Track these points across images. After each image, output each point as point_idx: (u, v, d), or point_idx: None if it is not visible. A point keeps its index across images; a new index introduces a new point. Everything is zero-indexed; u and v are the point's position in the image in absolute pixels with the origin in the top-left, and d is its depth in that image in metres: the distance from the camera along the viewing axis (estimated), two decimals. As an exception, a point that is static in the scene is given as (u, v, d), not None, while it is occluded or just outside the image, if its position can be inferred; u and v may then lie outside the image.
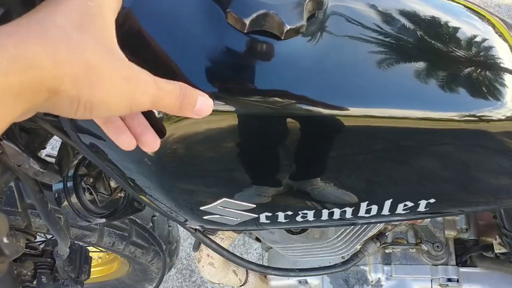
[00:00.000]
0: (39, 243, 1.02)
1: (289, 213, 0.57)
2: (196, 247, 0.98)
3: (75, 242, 1.02)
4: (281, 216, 0.57)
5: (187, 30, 0.43)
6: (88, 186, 0.66)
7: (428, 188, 0.57)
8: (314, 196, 0.55)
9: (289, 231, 0.77)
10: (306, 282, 1.02)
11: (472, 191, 0.60)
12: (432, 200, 0.57)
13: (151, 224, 1.06)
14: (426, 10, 0.51)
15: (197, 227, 0.68)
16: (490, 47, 0.52)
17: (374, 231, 0.82)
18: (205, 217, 0.57)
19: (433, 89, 0.48)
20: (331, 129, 0.48)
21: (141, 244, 1.12)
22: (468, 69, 0.51)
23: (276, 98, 0.44)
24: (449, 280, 0.95)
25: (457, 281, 0.95)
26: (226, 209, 0.55)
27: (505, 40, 0.54)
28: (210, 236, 0.76)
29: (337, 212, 0.58)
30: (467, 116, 0.49)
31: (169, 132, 0.45)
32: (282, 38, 0.41)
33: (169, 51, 0.43)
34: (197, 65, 0.43)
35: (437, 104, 0.49)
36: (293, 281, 1.03)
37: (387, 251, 0.97)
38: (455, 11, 0.54)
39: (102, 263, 1.38)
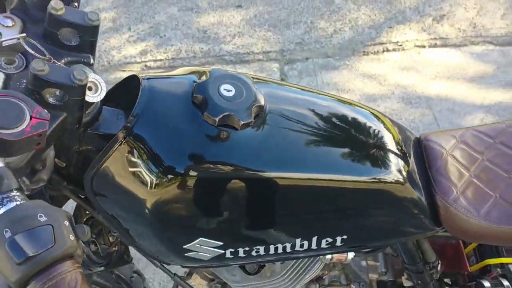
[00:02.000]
0: None
1: (247, 248, 0.79)
2: None
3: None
4: (241, 251, 0.79)
5: (180, 126, 0.70)
6: (93, 240, 0.85)
7: (340, 228, 0.82)
8: (262, 236, 0.79)
9: (246, 272, 0.97)
10: None
11: (372, 230, 0.86)
12: (344, 237, 0.82)
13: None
14: (334, 109, 0.81)
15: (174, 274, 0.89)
16: (381, 136, 0.81)
17: (313, 274, 1.03)
18: (186, 254, 0.77)
19: (341, 161, 0.76)
20: (270, 187, 0.75)
21: None
22: (365, 149, 0.79)
23: (231, 167, 0.72)
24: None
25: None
26: (202, 246, 0.77)
27: (390, 132, 0.83)
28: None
29: (280, 247, 0.80)
30: (366, 180, 0.77)
31: (159, 194, 0.69)
32: (239, 129, 0.69)
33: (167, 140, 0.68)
34: (184, 145, 0.68)
35: (346, 171, 0.76)
36: None
37: None
38: (356, 111, 0.84)
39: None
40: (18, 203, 0.52)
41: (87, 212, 0.84)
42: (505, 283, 1.04)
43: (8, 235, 0.49)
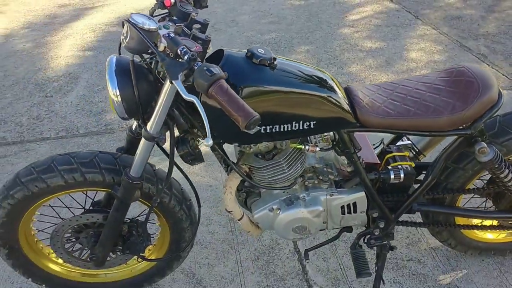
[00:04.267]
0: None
1: (270, 127, 1.53)
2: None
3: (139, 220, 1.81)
4: (267, 129, 1.52)
5: (245, 66, 1.47)
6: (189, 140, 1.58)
7: (310, 118, 1.57)
8: (278, 119, 1.52)
9: (264, 159, 1.67)
10: (278, 209, 1.72)
11: (322, 122, 1.61)
12: (312, 123, 1.57)
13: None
14: (307, 67, 1.61)
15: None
16: (330, 81, 1.61)
17: (300, 164, 1.70)
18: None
19: (311, 85, 1.54)
20: (280, 95, 1.48)
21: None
22: (324, 85, 1.57)
23: (266, 83, 1.47)
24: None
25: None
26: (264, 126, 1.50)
27: (335, 82, 1.64)
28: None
29: (286, 127, 1.54)
30: (323, 95, 1.55)
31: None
32: (267, 65, 1.48)
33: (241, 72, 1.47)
34: (249, 73, 1.47)
35: (313, 90, 1.54)
36: (266, 210, 1.73)
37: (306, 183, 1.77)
38: (318, 73, 1.64)
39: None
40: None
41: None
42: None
43: (205, 68, 1.20)
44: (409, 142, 1.93)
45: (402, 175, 1.73)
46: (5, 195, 1.68)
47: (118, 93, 1.46)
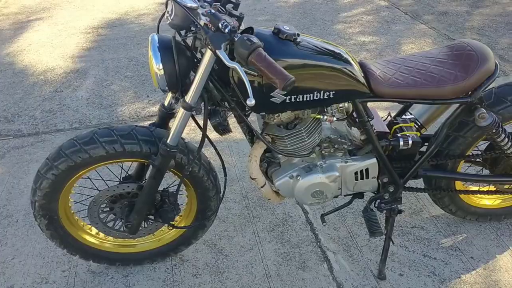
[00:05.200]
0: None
1: (294, 96, 1.70)
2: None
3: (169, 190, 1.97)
4: (292, 98, 1.70)
5: (273, 41, 1.65)
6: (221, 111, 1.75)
7: (329, 87, 1.74)
8: (302, 89, 1.69)
9: (287, 128, 1.84)
10: (298, 176, 1.89)
11: (340, 92, 1.79)
12: (332, 93, 1.75)
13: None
14: (328, 43, 1.79)
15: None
16: (347, 56, 1.77)
17: (317, 134, 1.88)
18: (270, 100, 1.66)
19: (331, 59, 1.72)
20: (305, 71, 1.67)
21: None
22: (341, 58, 1.75)
23: (291, 56, 1.64)
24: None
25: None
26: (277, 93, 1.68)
27: (351, 57, 1.81)
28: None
29: (305, 97, 1.71)
30: (339, 67, 1.72)
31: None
32: (291, 40, 1.63)
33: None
34: (278, 47, 1.62)
35: (333, 62, 1.72)
36: (287, 178, 1.90)
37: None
38: (336, 48, 1.80)
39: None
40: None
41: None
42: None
43: (245, 38, 1.38)
44: (412, 116, 2.13)
45: (410, 142, 1.92)
46: (49, 166, 1.83)
47: (161, 67, 1.63)
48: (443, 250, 2.28)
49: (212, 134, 2.30)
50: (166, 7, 1.57)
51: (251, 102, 1.41)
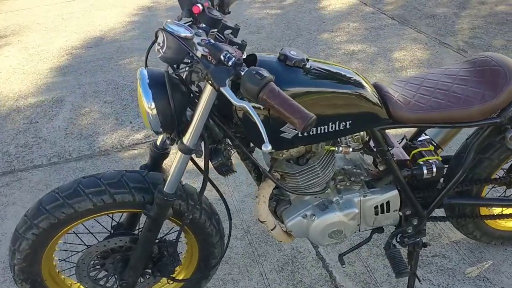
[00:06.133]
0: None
1: (323, 127, 1.49)
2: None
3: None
4: (315, 130, 1.48)
5: (279, 69, 1.43)
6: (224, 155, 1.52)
7: (346, 118, 1.53)
8: (321, 122, 1.49)
9: (298, 164, 1.62)
10: (313, 215, 1.68)
11: (357, 120, 1.58)
12: (348, 122, 1.53)
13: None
14: (335, 66, 1.59)
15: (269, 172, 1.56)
16: (360, 80, 1.57)
17: (332, 167, 1.67)
18: (281, 135, 1.45)
19: (343, 85, 1.51)
20: (319, 100, 1.46)
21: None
22: (355, 83, 1.53)
23: (300, 83, 1.43)
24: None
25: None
26: (288, 128, 1.45)
27: (364, 79, 1.61)
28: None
29: (320, 129, 1.50)
30: (354, 92, 1.51)
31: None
32: (301, 67, 1.42)
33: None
34: (284, 75, 1.42)
35: (346, 88, 1.51)
36: (299, 217, 1.68)
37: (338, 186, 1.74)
38: (344, 69, 1.60)
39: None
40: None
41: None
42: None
43: (254, 71, 1.16)
44: (428, 137, 1.93)
45: (434, 170, 1.72)
46: (29, 225, 1.58)
47: (153, 106, 1.40)
48: (470, 281, 2.09)
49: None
50: (156, 38, 1.35)
51: (267, 148, 1.18)
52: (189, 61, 1.43)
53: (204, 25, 1.44)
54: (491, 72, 1.66)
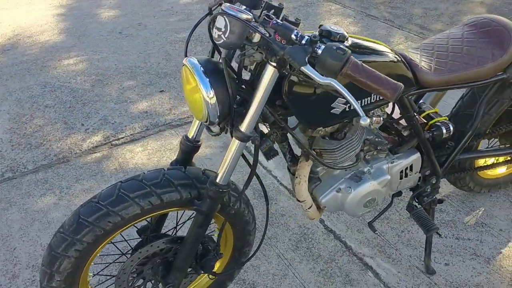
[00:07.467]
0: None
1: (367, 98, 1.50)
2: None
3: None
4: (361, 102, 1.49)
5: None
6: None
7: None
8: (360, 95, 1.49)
9: (336, 139, 1.62)
10: (349, 187, 1.70)
11: None
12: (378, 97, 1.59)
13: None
14: (372, 42, 1.60)
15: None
16: (389, 51, 1.60)
17: (362, 138, 1.71)
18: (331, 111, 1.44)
19: (375, 54, 1.53)
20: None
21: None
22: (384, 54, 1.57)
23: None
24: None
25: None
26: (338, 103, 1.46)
27: (391, 49, 1.64)
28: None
29: (364, 101, 1.52)
30: (385, 60, 1.55)
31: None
32: (344, 42, 1.36)
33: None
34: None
35: (378, 57, 1.53)
36: (333, 192, 1.71)
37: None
38: (376, 43, 1.62)
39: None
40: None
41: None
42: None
43: (334, 47, 1.13)
44: (422, 101, 2.04)
45: (451, 129, 1.83)
46: (69, 242, 1.44)
47: (212, 94, 1.33)
48: (471, 228, 2.25)
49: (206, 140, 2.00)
50: (212, 23, 1.28)
51: (365, 121, 1.18)
52: (249, 45, 1.37)
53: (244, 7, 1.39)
54: (495, 32, 1.79)
